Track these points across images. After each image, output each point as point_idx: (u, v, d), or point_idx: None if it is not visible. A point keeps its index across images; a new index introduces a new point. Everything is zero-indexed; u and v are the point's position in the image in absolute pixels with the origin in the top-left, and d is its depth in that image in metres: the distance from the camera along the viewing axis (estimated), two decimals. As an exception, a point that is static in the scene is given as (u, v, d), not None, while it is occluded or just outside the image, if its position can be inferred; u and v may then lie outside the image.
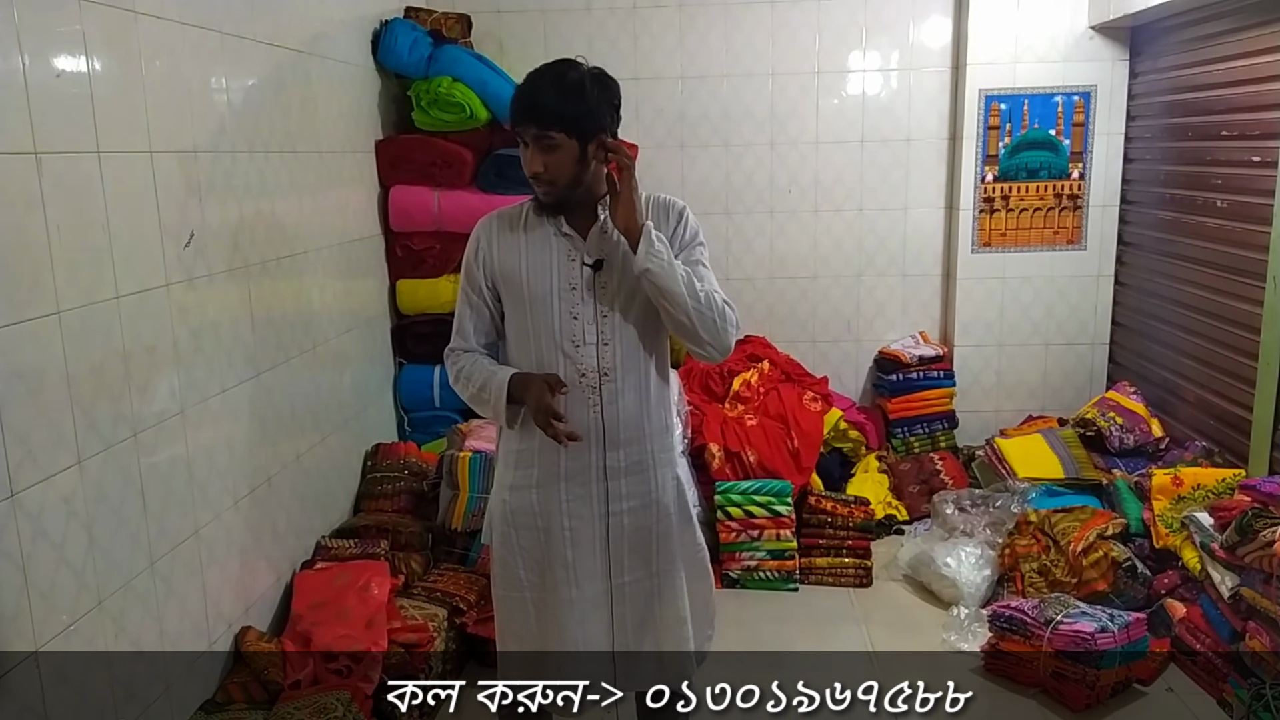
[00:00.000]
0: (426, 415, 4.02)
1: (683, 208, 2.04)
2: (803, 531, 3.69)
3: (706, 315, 1.91)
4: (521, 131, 1.89)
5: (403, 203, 3.87)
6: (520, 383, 1.94)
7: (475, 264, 2.02)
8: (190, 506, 2.40)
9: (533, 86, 1.88)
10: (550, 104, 1.85)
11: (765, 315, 4.66)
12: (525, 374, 1.96)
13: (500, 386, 1.95)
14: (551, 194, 1.93)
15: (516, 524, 2.05)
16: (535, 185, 1.93)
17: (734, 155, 4.53)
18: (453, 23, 4.12)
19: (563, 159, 1.88)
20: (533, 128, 1.86)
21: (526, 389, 1.93)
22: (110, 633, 2.06)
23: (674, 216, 2.02)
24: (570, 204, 1.96)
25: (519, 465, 2.05)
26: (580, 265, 1.96)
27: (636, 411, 2.02)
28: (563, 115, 1.85)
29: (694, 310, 1.90)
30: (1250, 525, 2.67)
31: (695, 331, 1.92)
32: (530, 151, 1.89)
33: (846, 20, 4.39)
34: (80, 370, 1.98)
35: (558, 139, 1.86)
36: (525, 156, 1.91)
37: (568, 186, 1.91)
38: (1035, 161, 4.36)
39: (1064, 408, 4.46)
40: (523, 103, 1.88)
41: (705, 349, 1.95)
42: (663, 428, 2.09)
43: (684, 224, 2.02)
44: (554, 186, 1.91)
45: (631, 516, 2.05)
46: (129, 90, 2.19)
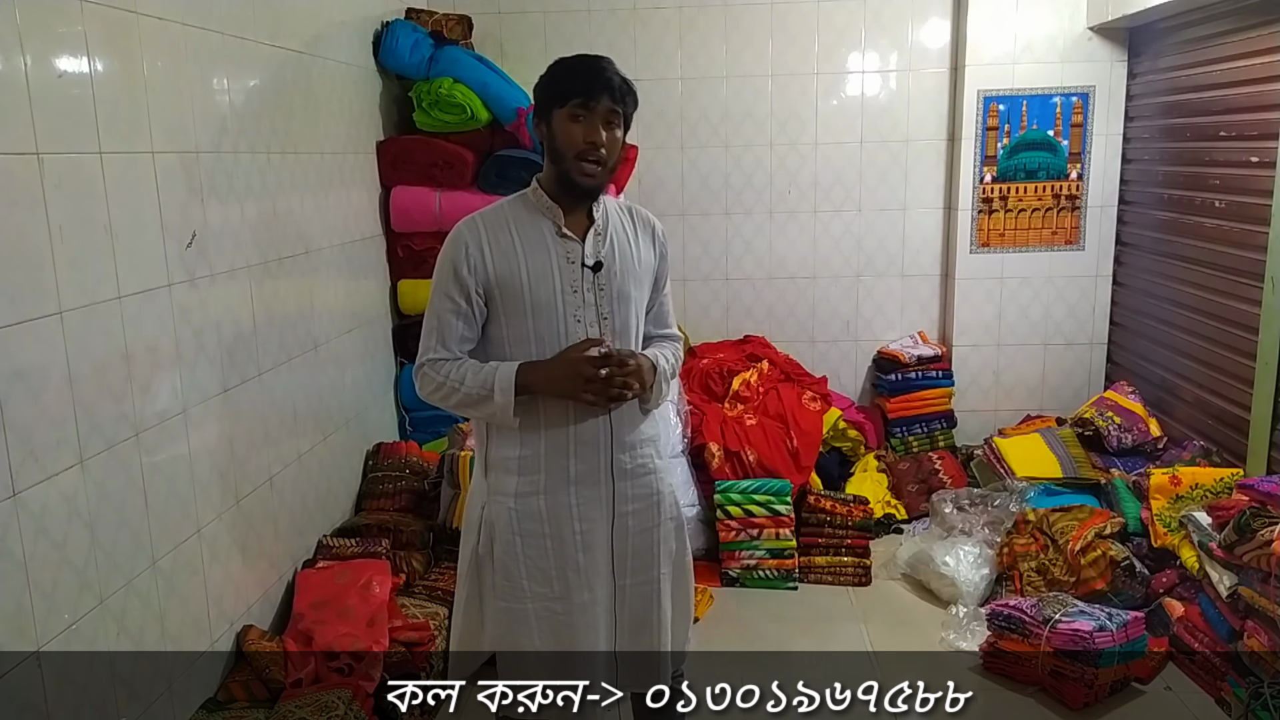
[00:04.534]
0: (428, 415, 4.02)
1: (664, 233, 2.11)
2: (802, 530, 3.70)
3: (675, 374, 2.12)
4: (592, 103, 1.87)
5: (404, 203, 3.88)
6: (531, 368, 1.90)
7: (465, 270, 1.91)
8: (192, 506, 2.40)
9: (603, 63, 1.91)
10: (623, 84, 1.89)
11: (765, 315, 4.67)
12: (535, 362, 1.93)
13: (508, 379, 1.89)
14: (598, 176, 1.91)
15: (522, 531, 1.99)
16: (586, 162, 1.88)
17: (733, 156, 4.54)
18: (454, 24, 4.13)
19: (617, 141, 1.91)
20: (608, 100, 1.87)
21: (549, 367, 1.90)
22: (112, 632, 2.07)
23: (658, 243, 2.09)
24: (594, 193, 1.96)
25: (523, 472, 1.98)
26: (580, 267, 1.95)
27: (638, 413, 2.03)
28: (628, 98, 1.91)
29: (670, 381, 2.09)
30: (1248, 524, 2.68)
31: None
32: (592, 125, 1.87)
33: (846, 21, 4.40)
34: (82, 370, 1.99)
35: (619, 119, 1.90)
36: (580, 131, 1.87)
37: (609, 172, 1.93)
38: (1034, 162, 4.37)
39: (1062, 407, 4.47)
40: (597, 74, 1.88)
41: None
42: (660, 434, 2.12)
43: (667, 262, 2.12)
44: (603, 166, 1.91)
45: (636, 519, 2.05)
46: (131, 91, 2.19)
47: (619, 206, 2.07)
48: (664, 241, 2.10)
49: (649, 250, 2.05)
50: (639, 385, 1.93)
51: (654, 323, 2.13)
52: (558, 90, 1.89)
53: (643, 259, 2.03)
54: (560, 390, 1.91)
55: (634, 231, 2.04)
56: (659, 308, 2.13)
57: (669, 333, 2.16)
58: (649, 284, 2.07)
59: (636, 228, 2.05)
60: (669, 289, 2.16)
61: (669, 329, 2.16)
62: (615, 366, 1.89)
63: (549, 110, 1.91)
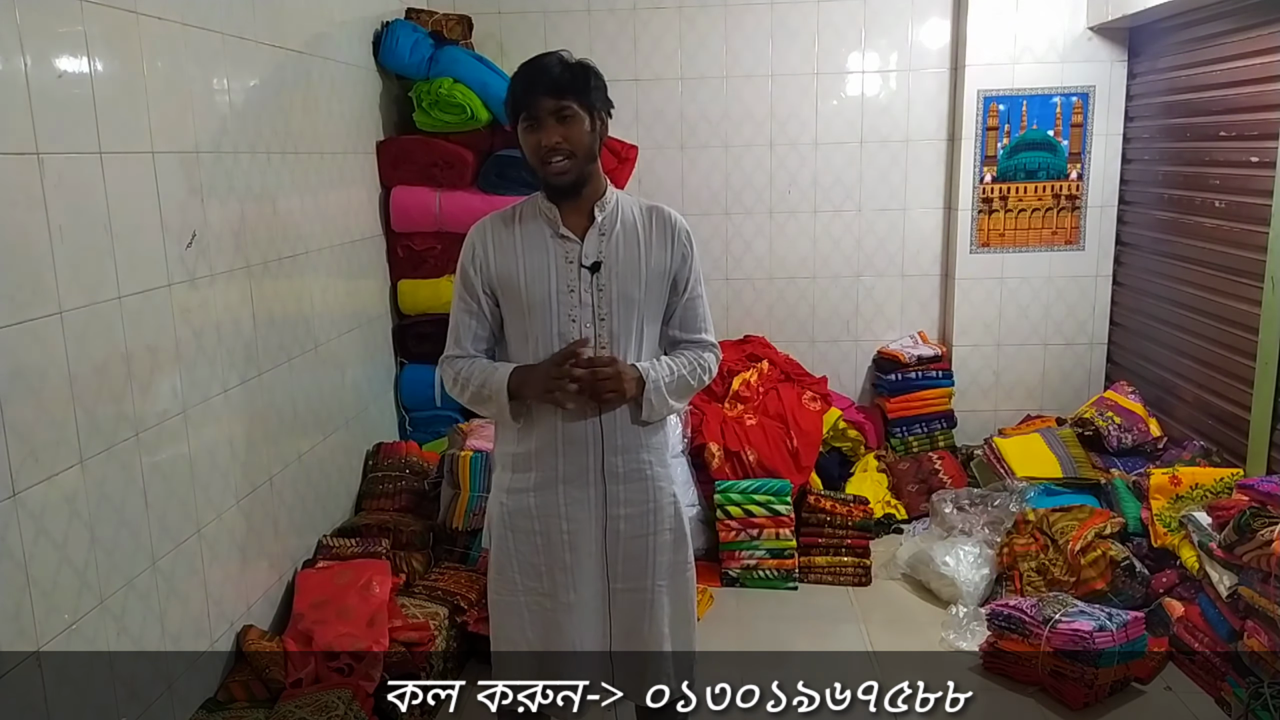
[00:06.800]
0: (427, 415, 4.03)
1: (688, 234, 2.04)
2: (802, 530, 3.70)
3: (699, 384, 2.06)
4: (533, 108, 1.87)
5: (404, 203, 3.88)
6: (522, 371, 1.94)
7: (472, 270, 1.99)
8: (192, 505, 2.40)
9: (538, 64, 1.90)
10: (562, 75, 1.87)
11: (765, 315, 4.67)
12: (527, 365, 1.96)
13: (501, 381, 1.93)
14: (569, 171, 1.90)
15: (514, 527, 2.03)
16: (551, 164, 1.89)
17: (733, 156, 4.54)
18: (453, 24, 4.13)
19: (578, 131, 1.89)
20: (548, 99, 1.86)
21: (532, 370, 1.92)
22: (112, 632, 2.07)
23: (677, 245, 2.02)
24: (577, 188, 1.94)
25: (516, 469, 2.03)
26: (578, 267, 1.95)
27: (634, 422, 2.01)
28: (575, 85, 1.88)
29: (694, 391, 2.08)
30: (1248, 524, 2.68)
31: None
32: (546, 128, 1.87)
33: (846, 21, 4.40)
34: (82, 370, 1.99)
35: (573, 109, 1.88)
36: (535, 139, 1.89)
37: (585, 160, 1.91)
38: (1034, 162, 4.37)
39: (1062, 407, 4.47)
40: (531, 78, 1.88)
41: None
42: (662, 441, 2.09)
43: (690, 265, 2.04)
44: (573, 160, 1.89)
45: (629, 524, 2.04)
46: (131, 91, 2.19)
47: (637, 206, 2.03)
48: (687, 243, 2.03)
49: (663, 252, 1.99)
50: (615, 393, 1.92)
51: (680, 327, 2.07)
52: (509, 107, 1.94)
53: (651, 261, 1.98)
54: (533, 392, 1.93)
55: (647, 232, 1.99)
56: (685, 311, 2.06)
57: (699, 338, 2.08)
58: (661, 287, 2.01)
59: (652, 228, 2.00)
60: (700, 292, 2.07)
61: (699, 334, 2.08)
62: (586, 371, 1.88)
63: (514, 129, 1.95)
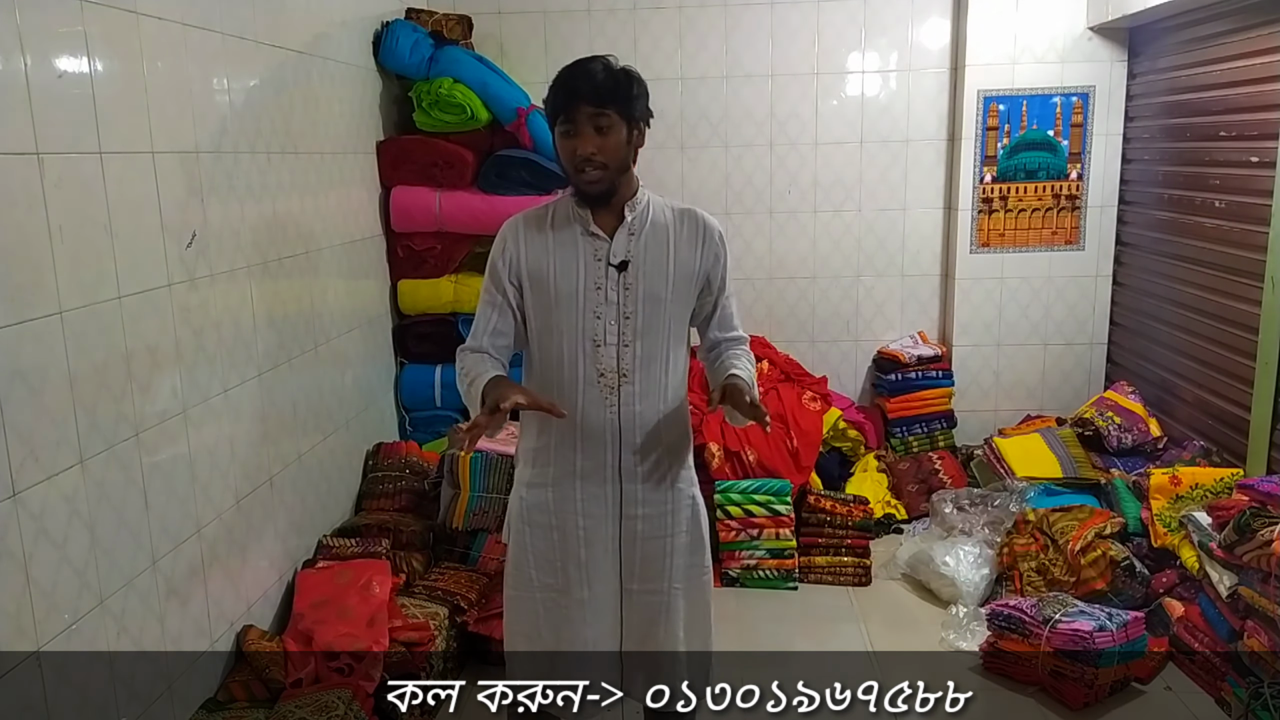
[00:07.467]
0: (427, 415, 4.03)
1: (721, 235, 2.04)
2: (802, 530, 3.70)
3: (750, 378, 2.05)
4: (572, 114, 1.85)
5: (404, 203, 3.88)
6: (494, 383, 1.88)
7: (501, 263, 1.99)
8: (192, 505, 2.40)
9: (580, 69, 1.87)
10: (604, 82, 1.85)
11: (764, 315, 4.67)
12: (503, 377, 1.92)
13: (480, 386, 1.88)
14: (602, 181, 1.89)
15: (530, 522, 2.04)
16: (584, 173, 1.88)
17: (733, 156, 4.54)
18: (453, 24, 4.13)
19: (615, 141, 1.88)
20: (588, 106, 1.84)
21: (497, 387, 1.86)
22: (112, 632, 2.07)
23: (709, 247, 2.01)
24: (608, 197, 1.94)
25: (535, 463, 2.04)
26: (606, 265, 1.95)
27: (653, 418, 2.00)
28: (616, 93, 1.86)
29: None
30: (1248, 524, 2.68)
31: None
32: (581, 135, 1.86)
33: (845, 21, 4.40)
34: (82, 370, 1.99)
35: (611, 119, 1.86)
36: (570, 146, 1.87)
37: (618, 172, 1.91)
38: (1034, 162, 4.37)
39: (1062, 407, 4.47)
40: (572, 84, 1.85)
41: None
42: (683, 443, 2.08)
43: (723, 265, 2.04)
44: (606, 171, 1.88)
45: (646, 524, 2.03)
46: (131, 91, 2.19)
47: (670, 208, 2.03)
48: (720, 244, 2.03)
49: (692, 253, 2.00)
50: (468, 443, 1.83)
51: (719, 327, 2.10)
52: (548, 111, 1.92)
53: (680, 261, 1.99)
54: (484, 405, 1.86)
55: (677, 234, 2.00)
56: (720, 311, 2.08)
57: (735, 335, 2.11)
58: (688, 289, 2.02)
59: (683, 230, 2.01)
60: (731, 291, 2.09)
61: (734, 331, 2.11)
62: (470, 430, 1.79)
63: (552, 129, 1.93)
